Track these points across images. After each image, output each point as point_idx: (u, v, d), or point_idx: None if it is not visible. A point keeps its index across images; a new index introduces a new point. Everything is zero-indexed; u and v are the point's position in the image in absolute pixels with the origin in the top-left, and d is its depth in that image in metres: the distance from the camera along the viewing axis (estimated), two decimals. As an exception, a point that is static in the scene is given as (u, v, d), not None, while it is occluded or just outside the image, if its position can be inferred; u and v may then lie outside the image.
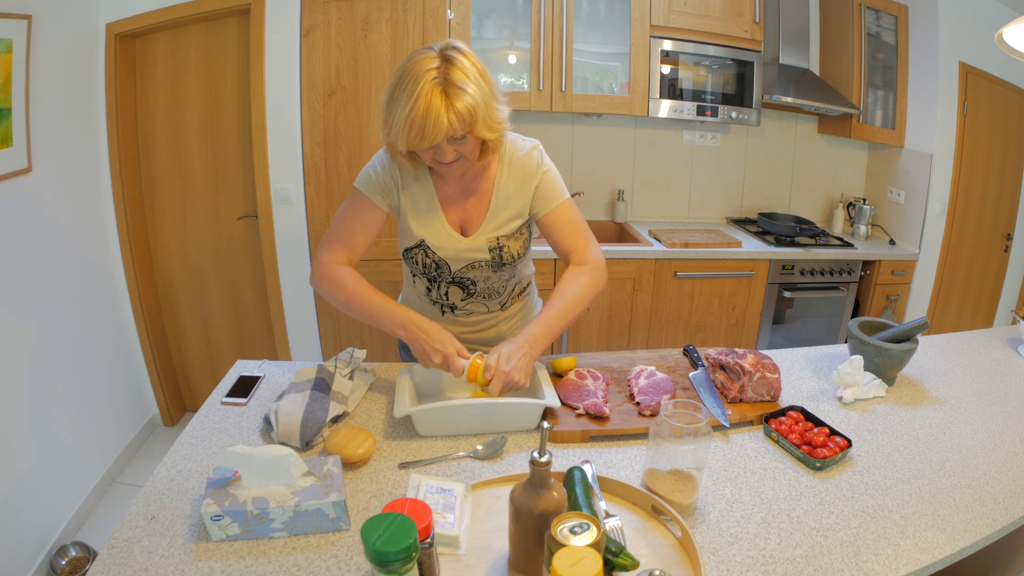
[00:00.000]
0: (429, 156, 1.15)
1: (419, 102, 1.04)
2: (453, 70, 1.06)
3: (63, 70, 2.07)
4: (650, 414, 1.20)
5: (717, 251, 2.68)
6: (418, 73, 1.05)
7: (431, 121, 1.05)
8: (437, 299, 1.38)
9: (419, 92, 1.04)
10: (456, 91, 1.05)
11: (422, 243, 1.28)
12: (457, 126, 1.07)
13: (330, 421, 1.14)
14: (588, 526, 0.72)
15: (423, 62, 1.06)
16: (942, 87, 2.74)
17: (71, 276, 2.17)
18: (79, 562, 1.98)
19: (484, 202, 1.28)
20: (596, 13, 2.68)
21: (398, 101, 1.07)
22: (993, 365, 1.55)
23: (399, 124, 1.07)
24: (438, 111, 1.04)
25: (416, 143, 1.08)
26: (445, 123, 1.06)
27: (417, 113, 1.04)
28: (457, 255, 1.29)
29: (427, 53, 1.08)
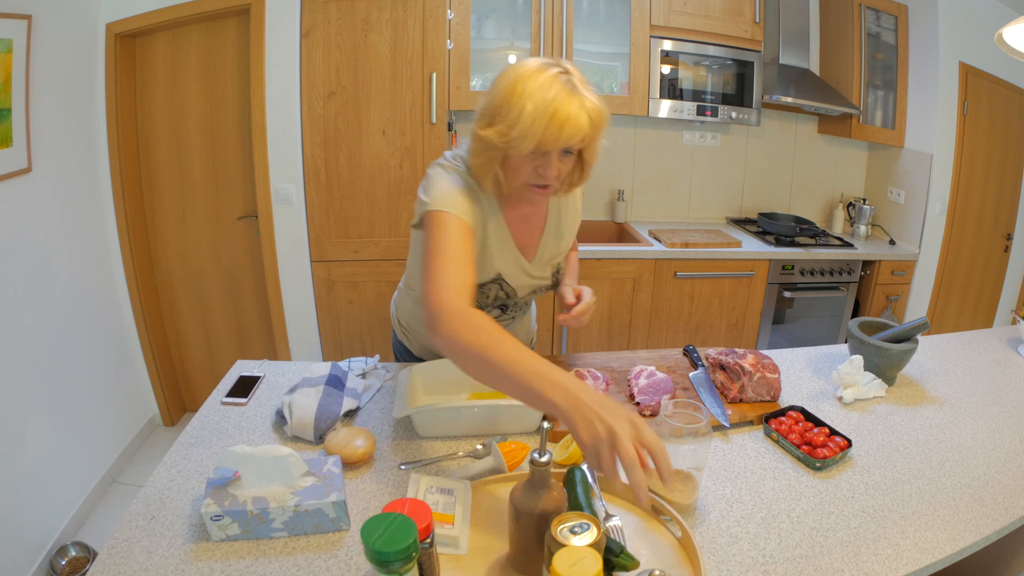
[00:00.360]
0: (528, 172, 1.06)
1: (557, 97, 0.98)
2: (575, 76, 1.02)
3: (63, 70, 2.07)
4: (650, 414, 1.20)
5: (717, 251, 2.68)
6: (542, 74, 1.00)
7: (571, 117, 0.99)
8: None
9: (557, 88, 0.98)
10: (587, 93, 1.02)
11: (499, 277, 1.23)
12: (587, 128, 1.01)
13: (343, 415, 1.15)
14: (588, 526, 0.72)
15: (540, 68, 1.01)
16: (942, 87, 2.74)
17: (71, 276, 2.17)
18: (79, 562, 1.98)
19: (539, 227, 1.26)
20: (596, 13, 2.68)
21: (528, 96, 0.98)
22: (993, 365, 1.55)
23: (530, 118, 0.98)
24: (576, 109, 0.99)
25: (551, 140, 1.00)
26: (584, 118, 1.00)
27: (557, 106, 0.97)
28: (526, 284, 1.27)
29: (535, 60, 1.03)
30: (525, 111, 0.98)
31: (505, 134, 1.02)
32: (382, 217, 2.49)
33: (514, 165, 1.07)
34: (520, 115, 0.99)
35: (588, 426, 0.76)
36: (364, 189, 2.44)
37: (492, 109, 1.04)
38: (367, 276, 2.56)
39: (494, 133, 1.03)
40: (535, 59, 1.04)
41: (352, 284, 2.57)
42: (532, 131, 0.99)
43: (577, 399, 0.78)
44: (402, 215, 2.49)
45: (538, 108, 0.98)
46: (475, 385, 1.25)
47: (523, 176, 1.08)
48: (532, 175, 1.07)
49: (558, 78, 1.00)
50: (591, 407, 0.77)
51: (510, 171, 1.09)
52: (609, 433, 0.74)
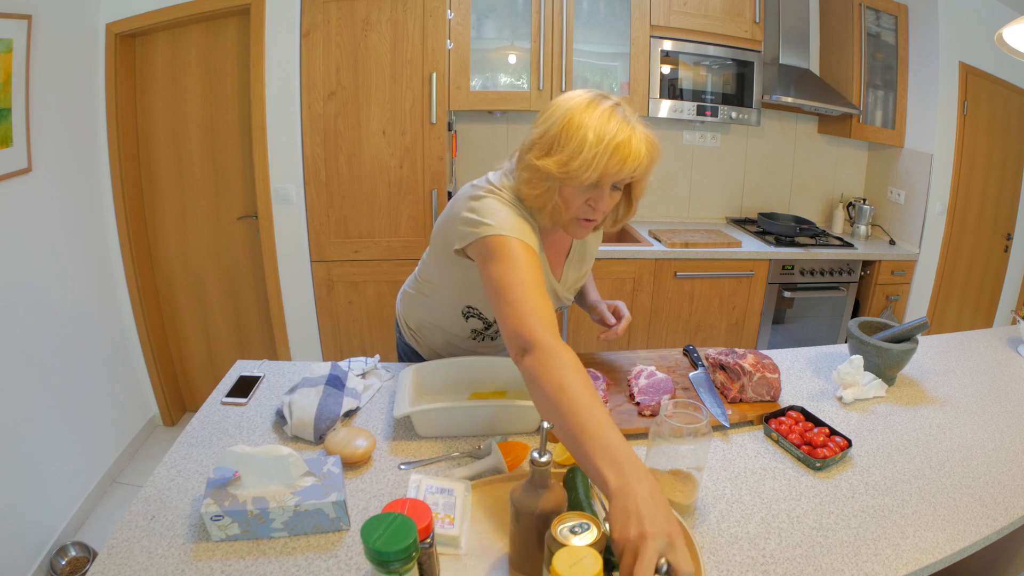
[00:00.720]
0: (579, 204, 1.06)
1: (620, 130, 0.99)
2: (627, 109, 1.03)
3: (63, 70, 2.07)
4: (650, 414, 1.20)
5: (717, 251, 2.68)
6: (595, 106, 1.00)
7: (633, 148, 1.00)
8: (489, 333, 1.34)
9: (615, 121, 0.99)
10: (641, 127, 1.03)
11: None
12: (646, 161, 1.03)
13: (343, 415, 1.15)
14: (588, 526, 0.72)
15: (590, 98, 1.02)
16: (942, 87, 2.74)
17: (71, 276, 2.17)
18: (79, 562, 1.98)
19: (563, 252, 1.28)
20: (596, 13, 2.68)
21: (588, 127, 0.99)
22: (993, 365, 1.55)
23: (592, 151, 0.98)
24: (637, 141, 1.00)
25: (613, 172, 1.01)
26: (644, 153, 1.01)
27: (620, 139, 0.98)
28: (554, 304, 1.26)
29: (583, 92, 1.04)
30: (588, 141, 0.99)
31: (565, 164, 1.01)
32: (382, 217, 2.49)
33: (566, 196, 1.06)
34: (582, 145, 0.99)
35: (624, 520, 0.69)
36: (364, 189, 2.44)
37: (549, 139, 1.03)
38: (367, 276, 2.56)
39: (553, 164, 1.02)
40: (584, 91, 1.04)
41: (352, 284, 2.57)
42: (595, 163, 0.99)
43: (626, 487, 0.71)
44: (402, 215, 2.49)
45: (600, 139, 0.98)
46: (475, 385, 1.25)
47: (574, 209, 1.08)
48: (583, 208, 1.08)
49: (614, 111, 1.01)
50: (636, 501, 0.70)
51: (565, 202, 1.08)
52: (640, 537, 0.67)
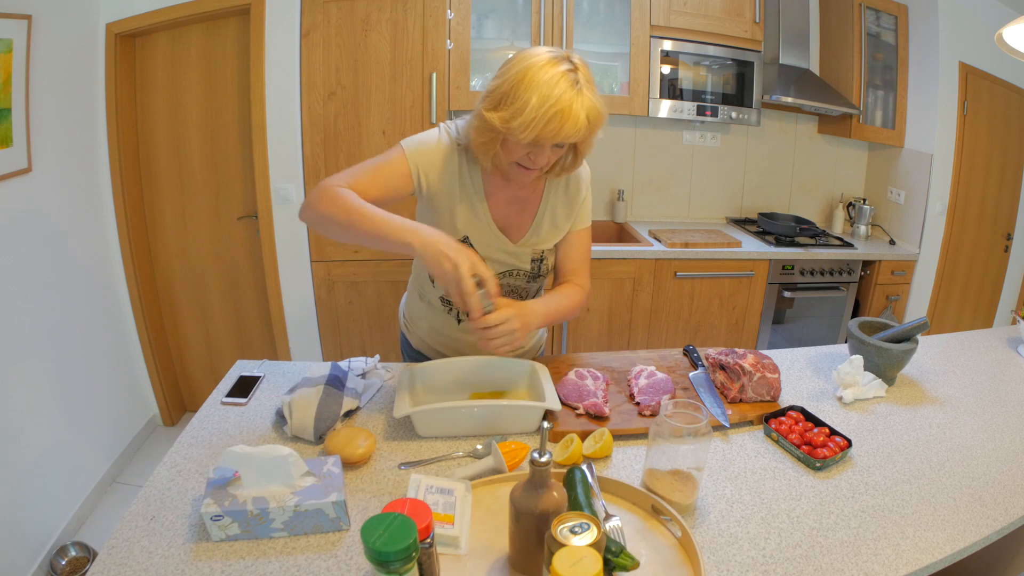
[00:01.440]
0: (520, 154, 1.12)
1: (563, 96, 1.02)
2: (580, 73, 1.06)
3: (63, 70, 2.07)
4: (650, 414, 1.20)
5: (717, 251, 2.68)
6: (551, 69, 1.04)
7: (572, 117, 1.04)
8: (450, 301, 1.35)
9: (561, 87, 1.03)
10: (590, 93, 1.06)
11: (466, 239, 1.25)
12: (584, 129, 1.07)
13: (343, 415, 1.15)
14: (588, 526, 0.72)
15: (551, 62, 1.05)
16: (942, 87, 2.74)
17: (71, 276, 2.17)
18: (79, 562, 1.98)
19: (529, 211, 1.28)
20: (596, 13, 2.68)
21: (533, 91, 1.03)
22: (993, 365, 1.55)
23: (532, 114, 1.03)
24: (578, 109, 1.04)
25: (550, 136, 1.06)
26: (583, 121, 1.05)
27: (562, 106, 1.02)
28: (500, 258, 1.28)
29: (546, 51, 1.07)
30: (530, 104, 1.03)
31: (507, 121, 1.06)
32: (382, 217, 2.48)
33: (509, 147, 1.12)
34: (524, 107, 1.03)
35: (436, 261, 1.00)
36: (364, 189, 2.44)
37: (499, 94, 1.08)
38: (367, 276, 2.56)
39: (497, 118, 1.07)
40: (547, 49, 1.08)
41: (352, 284, 2.57)
42: (533, 125, 1.04)
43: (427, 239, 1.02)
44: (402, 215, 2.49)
45: (542, 104, 1.02)
46: (475, 385, 1.25)
47: (514, 157, 1.13)
48: (523, 158, 1.13)
49: (566, 76, 1.04)
50: (436, 244, 1.01)
51: (504, 150, 1.14)
52: (452, 265, 0.99)
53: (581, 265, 1.36)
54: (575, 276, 1.35)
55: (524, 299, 1.38)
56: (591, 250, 1.39)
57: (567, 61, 1.06)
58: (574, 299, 1.32)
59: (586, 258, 1.37)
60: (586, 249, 1.37)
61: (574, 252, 1.35)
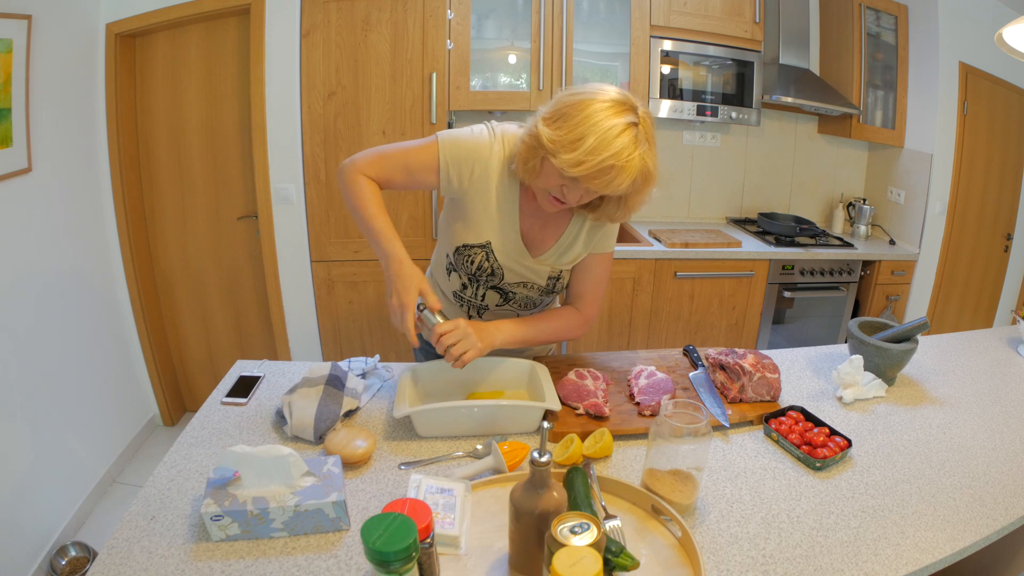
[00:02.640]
0: (554, 184, 1.07)
1: (621, 151, 0.98)
2: (642, 130, 1.02)
3: (63, 70, 2.07)
4: (650, 414, 1.20)
5: (717, 251, 2.68)
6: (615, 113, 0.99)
7: (619, 176, 1.00)
8: (470, 298, 1.34)
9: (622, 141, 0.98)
10: (647, 152, 1.02)
11: (488, 244, 1.23)
12: (630, 187, 1.04)
13: (343, 415, 1.15)
14: (588, 526, 0.72)
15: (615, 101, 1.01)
16: (942, 87, 2.74)
17: (71, 276, 2.17)
18: (79, 562, 1.98)
19: (558, 231, 1.25)
20: (596, 13, 2.68)
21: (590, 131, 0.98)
22: (993, 365, 1.55)
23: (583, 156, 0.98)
24: (630, 170, 1.00)
25: (595, 185, 1.02)
26: (628, 182, 1.02)
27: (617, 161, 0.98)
28: (517, 270, 1.27)
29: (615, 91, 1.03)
30: (585, 142, 0.98)
31: (555, 144, 1.01)
32: (382, 217, 2.48)
33: (548, 170, 1.07)
34: (578, 143, 0.99)
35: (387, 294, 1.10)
36: (364, 189, 2.44)
37: (561, 113, 1.03)
38: (367, 276, 2.56)
39: (547, 135, 1.03)
40: (617, 91, 1.03)
41: (352, 284, 2.57)
42: (581, 164, 0.99)
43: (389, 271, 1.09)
44: (402, 215, 2.49)
45: (597, 148, 0.98)
46: (475, 385, 1.25)
47: (548, 184, 1.09)
48: (557, 190, 1.09)
49: (629, 130, 0.99)
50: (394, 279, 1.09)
51: (541, 174, 1.09)
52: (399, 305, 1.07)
53: (592, 290, 1.31)
54: (580, 302, 1.31)
55: (534, 309, 1.37)
56: (607, 278, 1.33)
57: (632, 113, 1.01)
58: (567, 324, 1.30)
59: (599, 284, 1.31)
60: (601, 275, 1.31)
61: (588, 277, 1.30)
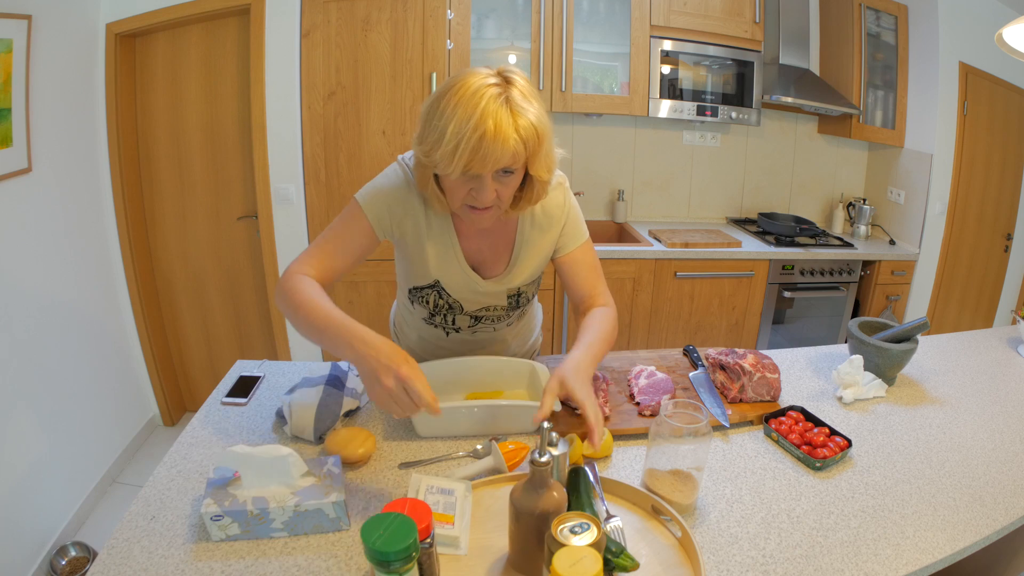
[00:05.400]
0: (463, 193, 1.00)
1: (484, 117, 0.89)
2: (514, 88, 0.94)
3: (63, 70, 2.07)
4: (650, 414, 1.20)
5: (717, 251, 2.68)
6: (475, 87, 0.91)
7: (499, 139, 0.90)
8: (441, 324, 1.28)
9: (483, 106, 0.90)
10: (521, 109, 0.93)
11: (436, 284, 1.18)
12: (521, 150, 0.93)
13: (343, 415, 1.15)
14: (588, 526, 0.72)
15: (478, 77, 0.93)
16: (942, 87, 2.74)
17: (71, 276, 2.17)
18: (79, 562, 1.98)
19: (504, 247, 1.18)
20: (596, 13, 2.68)
21: (450, 116, 0.91)
22: (993, 365, 1.55)
23: (452, 142, 0.90)
24: (506, 129, 0.90)
25: (478, 165, 0.92)
26: (512, 143, 0.91)
27: (484, 129, 0.89)
28: (474, 298, 1.21)
29: (480, 70, 0.96)
30: (446, 134, 0.91)
31: (429, 154, 0.95)
32: (382, 217, 2.48)
33: (448, 186, 1.01)
34: (442, 136, 0.92)
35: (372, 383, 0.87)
36: (364, 189, 2.44)
37: (422, 121, 0.97)
38: (367, 276, 2.56)
39: (420, 151, 0.97)
40: (480, 70, 0.96)
41: (352, 284, 2.57)
42: (454, 157, 0.91)
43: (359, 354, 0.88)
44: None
45: (460, 129, 0.90)
46: (474, 385, 1.25)
47: (459, 197, 1.01)
48: (468, 197, 1.00)
49: (488, 92, 0.91)
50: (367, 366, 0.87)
51: (447, 190, 1.02)
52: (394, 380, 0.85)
53: (595, 282, 1.24)
54: (595, 298, 1.23)
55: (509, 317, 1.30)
56: (598, 262, 1.26)
57: (497, 76, 0.94)
58: (611, 323, 1.19)
59: (598, 271, 1.25)
60: (593, 264, 1.24)
61: (582, 272, 1.23)
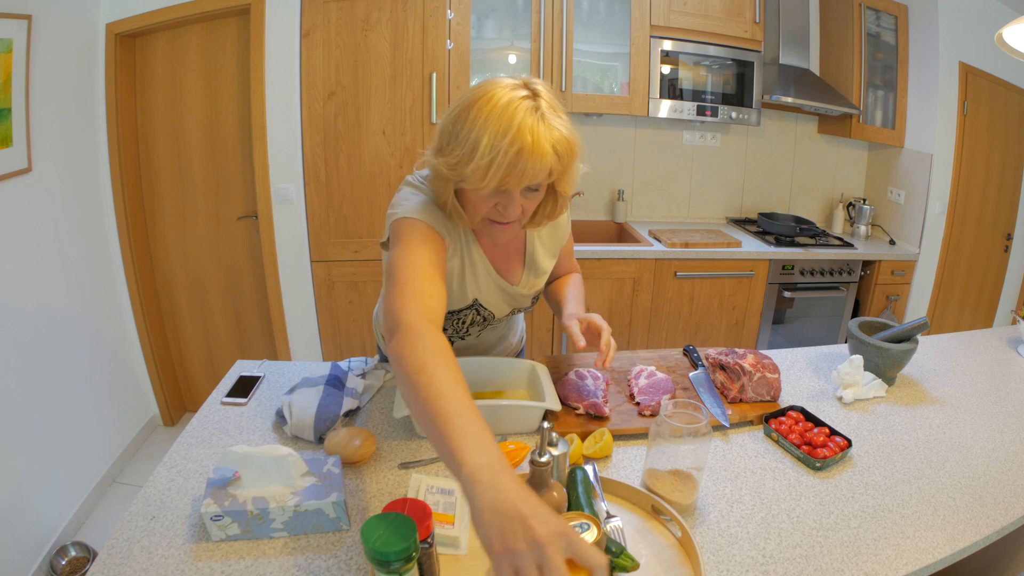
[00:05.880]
0: (487, 208, 0.96)
1: (522, 131, 0.86)
2: (542, 100, 0.90)
3: (63, 70, 2.07)
4: (650, 414, 1.20)
5: (717, 251, 2.68)
6: (506, 99, 0.87)
7: (535, 154, 0.86)
8: (452, 336, 1.27)
9: (519, 120, 0.86)
10: (555, 122, 0.89)
11: (475, 303, 1.17)
12: (556, 165, 0.91)
13: (343, 415, 1.15)
14: (588, 526, 0.72)
15: (505, 88, 0.89)
16: (942, 87, 2.74)
17: (71, 276, 2.17)
18: (79, 562, 1.98)
19: (517, 253, 1.20)
20: (596, 13, 2.68)
21: (482, 128, 0.86)
22: (993, 365, 1.55)
23: (487, 156, 0.86)
24: (543, 144, 0.87)
25: (513, 181, 0.89)
26: (549, 158, 0.88)
27: (522, 144, 0.85)
28: (506, 306, 1.23)
29: (503, 80, 0.91)
30: (481, 146, 0.86)
31: (455, 168, 0.91)
32: (382, 217, 2.49)
33: (472, 199, 0.96)
34: (475, 149, 0.87)
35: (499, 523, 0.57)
36: (364, 189, 2.44)
37: (444, 134, 0.92)
38: (367, 276, 2.56)
39: (444, 164, 0.92)
40: (504, 80, 0.92)
41: (352, 284, 2.57)
42: (490, 170, 0.87)
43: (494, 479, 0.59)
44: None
45: (495, 143, 0.86)
46: (475, 385, 1.25)
47: (482, 211, 0.97)
48: (492, 212, 0.97)
49: (521, 105, 0.88)
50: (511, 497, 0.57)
51: (468, 204, 0.98)
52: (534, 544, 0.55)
53: (572, 261, 1.39)
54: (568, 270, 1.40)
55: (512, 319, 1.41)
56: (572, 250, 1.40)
57: (524, 88, 0.90)
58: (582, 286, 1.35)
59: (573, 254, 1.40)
60: (571, 250, 1.37)
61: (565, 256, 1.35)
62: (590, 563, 0.56)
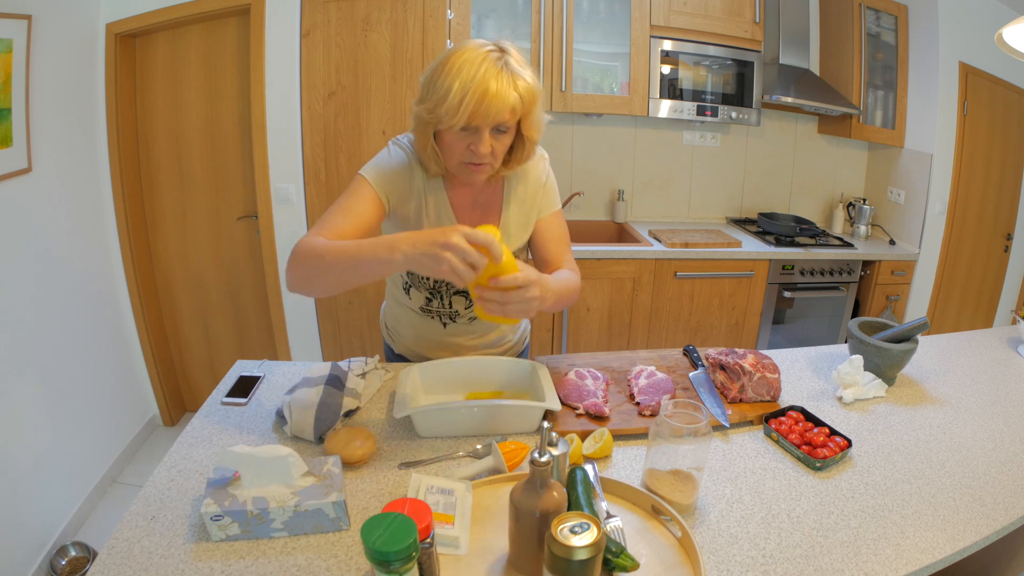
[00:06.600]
0: (461, 149, 1.09)
1: (487, 75, 1.01)
2: (510, 56, 1.05)
3: (63, 70, 2.07)
4: (650, 414, 1.20)
5: (717, 251, 2.68)
6: (474, 52, 1.02)
7: (500, 94, 1.01)
8: (438, 310, 1.33)
9: (483, 66, 1.01)
10: (518, 71, 1.04)
11: None
12: (519, 106, 1.04)
13: (343, 415, 1.15)
14: (588, 526, 0.72)
15: (475, 47, 1.04)
16: (942, 87, 2.74)
17: (71, 276, 2.17)
18: (79, 562, 1.98)
19: (494, 214, 1.26)
20: (596, 13, 2.68)
21: (455, 75, 1.01)
22: (993, 365, 1.55)
23: (458, 95, 1.00)
24: (505, 86, 1.02)
25: (480, 117, 1.02)
26: (512, 98, 1.03)
27: (486, 85, 1.00)
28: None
29: (477, 40, 1.06)
30: (453, 88, 1.01)
31: (432, 111, 1.05)
32: (382, 217, 2.48)
33: (447, 142, 1.10)
34: (448, 92, 1.01)
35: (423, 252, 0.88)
36: (364, 189, 2.44)
37: (425, 85, 1.08)
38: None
39: (424, 109, 1.07)
40: (478, 40, 1.07)
41: (352, 284, 2.57)
42: (460, 107, 1.01)
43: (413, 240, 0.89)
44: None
45: (465, 85, 1.00)
46: (475, 385, 1.25)
47: (457, 154, 1.11)
48: (465, 153, 1.10)
49: (489, 56, 1.02)
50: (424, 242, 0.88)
51: (444, 148, 1.12)
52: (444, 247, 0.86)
53: (563, 249, 1.30)
54: (562, 263, 1.29)
55: None
56: (568, 234, 1.33)
57: (494, 46, 1.05)
58: (575, 281, 1.23)
59: (566, 242, 1.32)
60: (562, 233, 1.31)
61: (551, 236, 1.29)
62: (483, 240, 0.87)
